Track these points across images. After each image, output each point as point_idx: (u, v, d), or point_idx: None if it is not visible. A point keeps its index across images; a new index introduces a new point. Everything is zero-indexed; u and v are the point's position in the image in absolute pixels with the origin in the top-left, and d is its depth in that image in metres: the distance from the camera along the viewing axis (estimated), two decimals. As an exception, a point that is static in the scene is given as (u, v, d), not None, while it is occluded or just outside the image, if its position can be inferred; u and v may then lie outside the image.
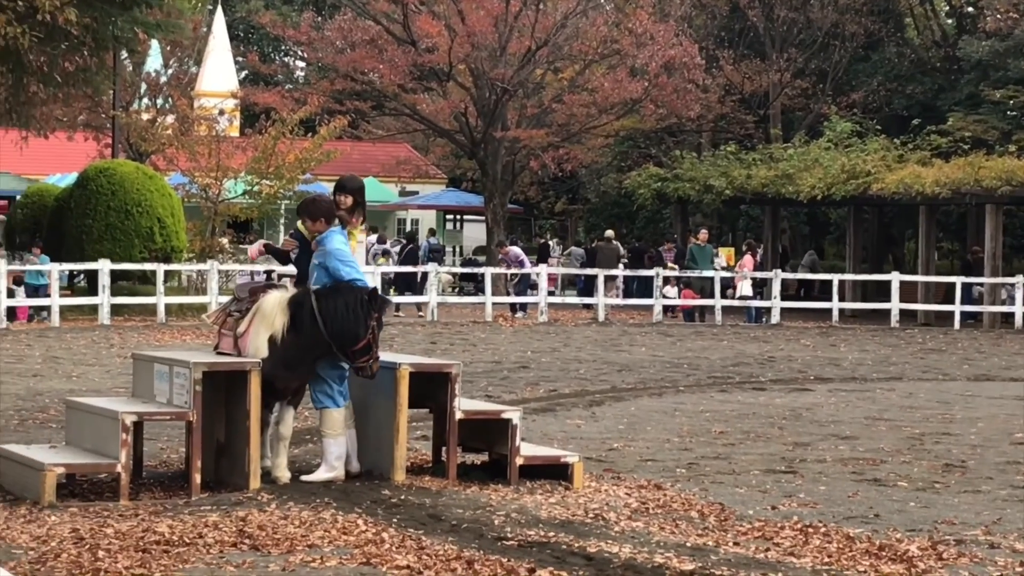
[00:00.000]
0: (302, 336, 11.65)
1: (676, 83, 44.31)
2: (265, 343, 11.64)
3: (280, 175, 39.62)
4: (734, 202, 46.73)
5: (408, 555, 9.36)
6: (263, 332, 11.66)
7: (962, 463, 13.93)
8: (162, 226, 35.02)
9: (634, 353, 27.01)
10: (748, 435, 15.76)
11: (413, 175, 56.89)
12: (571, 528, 10.42)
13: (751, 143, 48.73)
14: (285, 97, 44.72)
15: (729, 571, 9.15)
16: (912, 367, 25.56)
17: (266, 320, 11.67)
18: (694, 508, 11.31)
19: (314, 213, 12.12)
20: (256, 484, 11.56)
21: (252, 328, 11.71)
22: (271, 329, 11.65)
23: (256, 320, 11.72)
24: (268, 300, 11.78)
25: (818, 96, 51.12)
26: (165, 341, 27.31)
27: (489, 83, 43.79)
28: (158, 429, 14.35)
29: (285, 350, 11.63)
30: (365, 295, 11.72)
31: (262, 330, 11.66)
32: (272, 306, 11.73)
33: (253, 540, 9.72)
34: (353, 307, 11.62)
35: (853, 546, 9.97)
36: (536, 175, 51.29)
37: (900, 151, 40.96)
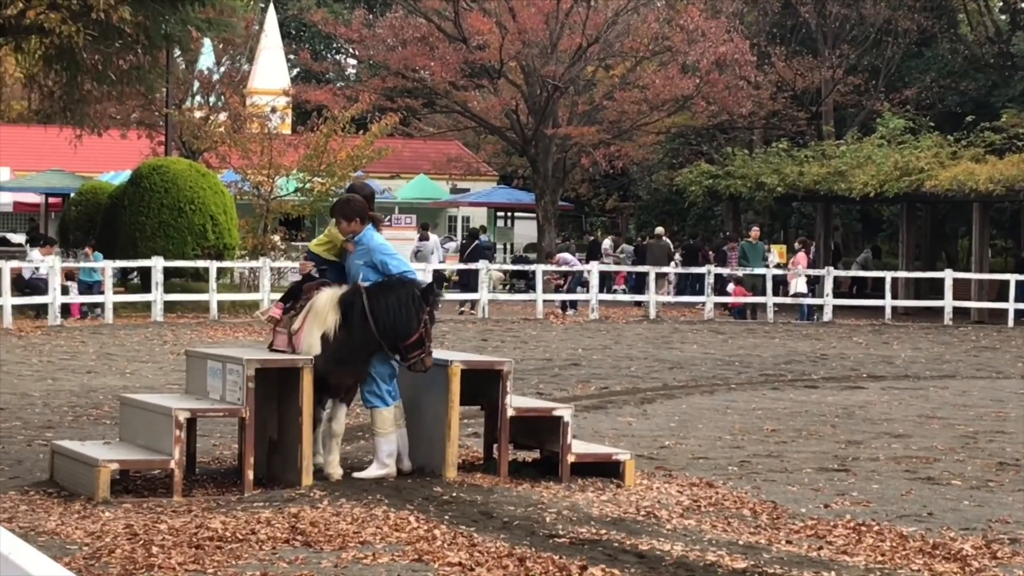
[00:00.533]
0: (353, 333, 11.70)
1: (727, 80, 44.20)
2: (318, 340, 11.68)
3: (332, 172, 39.70)
4: (786, 199, 46.55)
5: (460, 552, 9.37)
6: (316, 330, 11.71)
7: (1016, 461, 13.85)
8: (215, 223, 35.16)
9: (685, 351, 26.95)
10: (800, 433, 15.71)
11: (464, 172, 56.96)
12: (623, 526, 10.41)
13: (803, 140, 48.55)
14: (337, 95, 44.87)
15: (782, 569, 9.12)
16: (965, 365, 25.40)
17: (319, 318, 11.72)
18: (746, 506, 11.28)
19: (349, 214, 12.17)
20: (308, 481, 11.60)
21: (305, 326, 11.76)
22: (323, 327, 11.69)
23: (309, 318, 11.77)
24: (320, 298, 11.82)
25: (871, 93, 50.87)
26: (218, 338, 27.43)
27: (540, 80, 43.78)
28: (211, 426, 14.42)
29: (337, 347, 11.68)
30: (417, 289, 11.80)
31: (315, 328, 11.71)
32: (324, 304, 11.77)
33: (305, 536, 9.75)
34: (405, 302, 11.68)
35: (906, 545, 9.92)
36: (587, 172, 51.25)
37: (953, 148, 40.70)
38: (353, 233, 12.16)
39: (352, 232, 12.17)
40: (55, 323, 29.70)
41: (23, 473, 12.45)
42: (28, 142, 55.12)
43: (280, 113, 44.19)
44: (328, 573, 8.76)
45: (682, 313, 37.79)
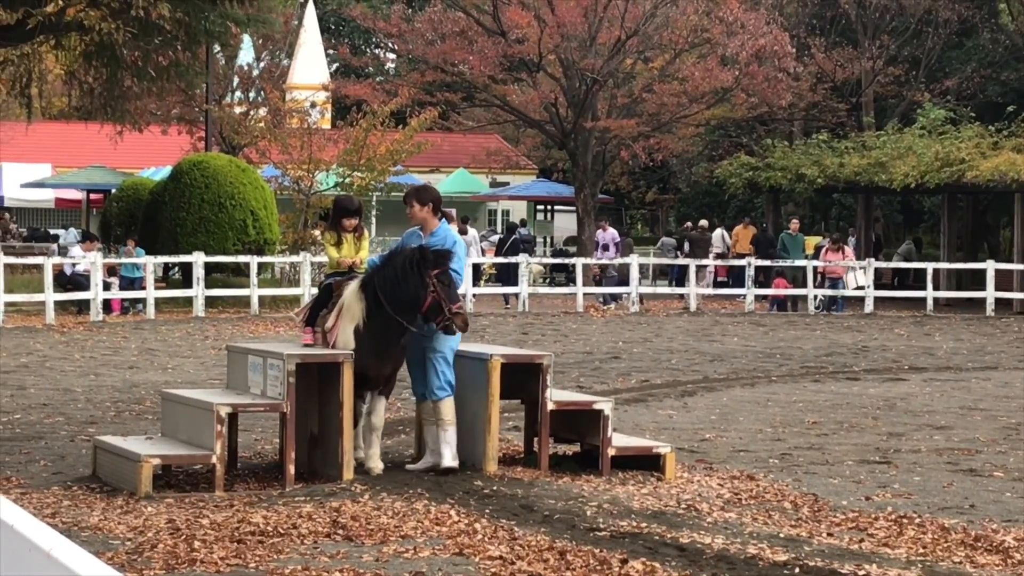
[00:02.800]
0: (376, 318, 11.66)
1: (767, 72, 44.05)
2: (351, 334, 11.67)
3: (371, 167, 39.78)
4: (826, 191, 46.39)
5: (500, 545, 9.39)
6: (348, 324, 11.69)
7: (1056, 451, 13.78)
8: (255, 218, 35.29)
9: (726, 343, 26.90)
10: (842, 425, 15.66)
11: (503, 166, 56.96)
12: (663, 519, 10.40)
13: (843, 131, 48.34)
14: (376, 89, 44.90)
15: (823, 562, 9.10)
16: (1008, 356, 25.27)
17: (349, 311, 11.71)
18: (787, 499, 11.26)
19: (423, 198, 12.20)
20: (349, 475, 11.64)
21: (339, 322, 11.75)
22: (354, 319, 11.68)
23: (341, 313, 11.76)
24: (347, 291, 11.81)
25: (911, 83, 50.65)
26: (259, 333, 27.53)
27: (579, 73, 43.74)
28: (252, 420, 14.48)
29: (369, 337, 11.66)
30: (416, 254, 11.62)
31: (347, 323, 11.70)
32: (351, 296, 11.76)
33: (347, 531, 9.79)
34: (403, 269, 11.57)
35: (948, 537, 9.89)
36: (626, 165, 51.23)
37: (995, 138, 40.47)
38: (423, 220, 12.13)
39: (423, 219, 12.14)
40: (97, 319, 29.85)
41: (66, 469, 12.53)
42: (69, 138, 55.48)
43: (320, 108, 44.29)
44: (369, 567, 8.79)
45: (723, 306, 37.73)
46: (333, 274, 12.34)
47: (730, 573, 8.77)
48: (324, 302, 12.13)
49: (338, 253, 12.36)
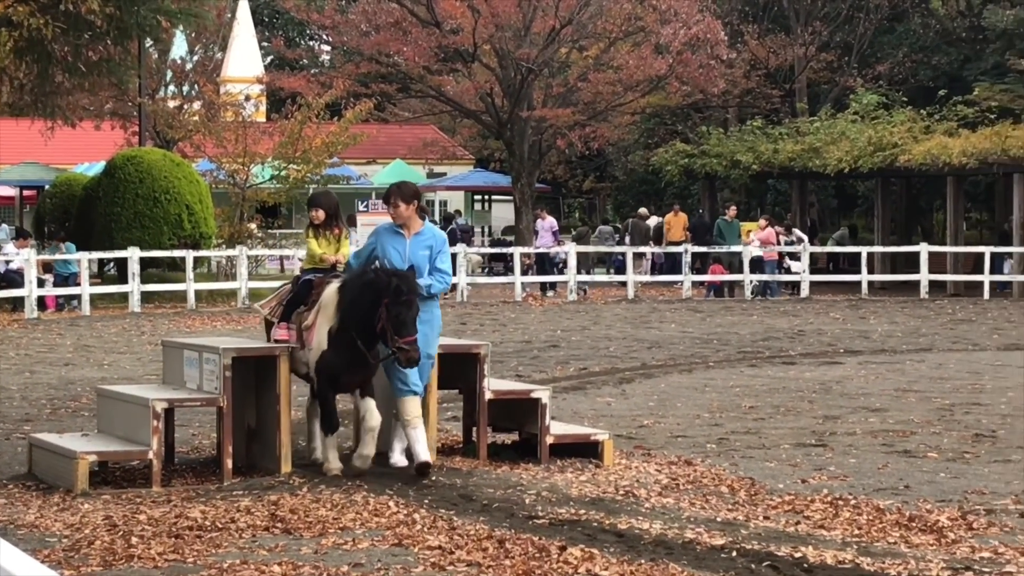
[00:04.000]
0: (345, 329, 11.39)
1: (701, 59, 44.17)
2: (326, 335, 11.41)
3: (307, 159, 39.69)
4: (761, 177, 46.64)
5: (439, 535, 9.41)
6: (324, 325, 11.42)
7: (992, 433, 13.92)
8: (190, 213, 35.13)
9: (664, 330, 27.01)
10: (778, 409, 15.77)
11: (440, 156, 56.90)
12: (602, 505, 10.45)
13: (777, 117, 48.62)
14: (311, 81, 44.74)
15: (760, 545, 9.17)
16: (942, 338, 25.50)
17: (326, 312, 11.44)
18: (724, 483, 11.33)
19: (408, 195, 11.79)
20: (288, 468, 11.63)
21: (317, 321, 11.48)
22: (330, 321, 11.41)
23: (320, 313, 11.49)
24: (327, 292, 11.53)
25: (843, 69, 50.96)
26: (196, 327, 27.41)
27: (514, 63, 43.74)
28: (189, 415, 14.43)
29: (340, 342, 11.38)
30: (371, 279, 11.27)
31: (324, 323, 11.43)
32: (329, 298, 11.48)
33: (285, 524, 9.78)
34: (359, 292, 11.26)
35: (883, 518, 9.99)
36: (563, 154, 51.28)
37: (926, 122, 40.83)
38: (408, 220, 11.75)
39: (408, 217, 11.76)
40: (32, 316, 29.64)
41: (1, 467, 12.45)
42: (1, 135, 54.97)
43: (254, 101, 44.11)
44: (308, 560, 8.79)
45: (660, 292, 37.88)
46: (312, 269, 12.04)
47: (668, 558, 8.82)
48: (303, 298, 11.79)
49: (319, 248, 12.09)
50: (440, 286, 11.87)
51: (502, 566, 8.58)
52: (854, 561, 8.74)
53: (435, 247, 11.78)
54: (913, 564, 8.71)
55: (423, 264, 11.64)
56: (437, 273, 11.78)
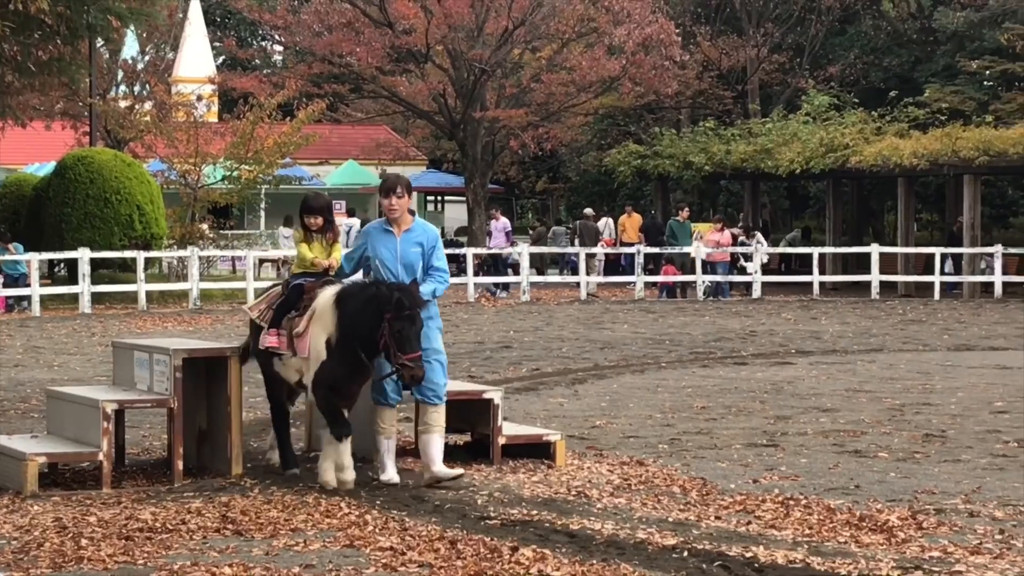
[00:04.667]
0: (344, 340, 10.91)
1: (653, 60, 44.28)
2: (323, 345, 10.92)
3: (259, 160, 39.60)
4: (714, 178, 46.79)
5: (391, 536, 9.40)
6: (321, 334, 10.94)
7: (942, 433, 14.00)
8: (141, 213, 34.97)
9: (616, 331, 27.05)
10: (730, 410, 15.81)
11: (393, 157, 56.76)
12: (554, 506, 10.46)
13: (730, 119, 48.77)
14: (263, 82, 44.62)
15: (711, 545, 9.20)
16: (892, 338, 25.64)
17: (321, 320, 10.97)
18: (676, 483, 11.36)
19: (408, 186, 11.38)
20: (239, 469, 11.59)
21: (311, 329, 11.00)
22: (327, 331, 10.92)
23: (314, 321, 11.02)
24: (321, 299, 11.05)
25: (795, 70, 51.18)
26: (147, 328, 27.28)
27: (467, 64, 43.74)
28: (140, 417, 14.36)
29: (339, 353, 10.88)
30: (373, 291, 10.82)
31: (320, 332, 10.95)
32: (324, 305, 11.01)
33: (236, 525, 9.75)
34: (360, 306, 10.80)
35: (834, 517, 10.03)
36: (516, 155, 51.25)
37: (878, 124, 41.05)
38: (403, 214, 11.30)
39: (403, 208, 11.27)
40: (-18, 317, 29.43)
41: (-50, 469, 12.35)
42: (-50, 135, 54.50)
43: (206, 101, 43.91)
44: (259, 561, 8.77)
45: (613, 293, 37.95)
46: (303, 274, 11.53)
47: (620, 558, 8.84)
48: (293, 304, 11.29)
49: (311, 252, 11.60)
50: (443, 287, 11.47)
51: (454, 567, 8.58)
52: (805, 561, 8.77)
53: (427, 243, 11.33)
54: (863, 563, 8.76)
55: (416, 262, 11.25)
56: (435, 273, 11.38)
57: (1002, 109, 41.70)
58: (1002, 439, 13.59)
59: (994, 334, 26.59)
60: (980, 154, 37.15)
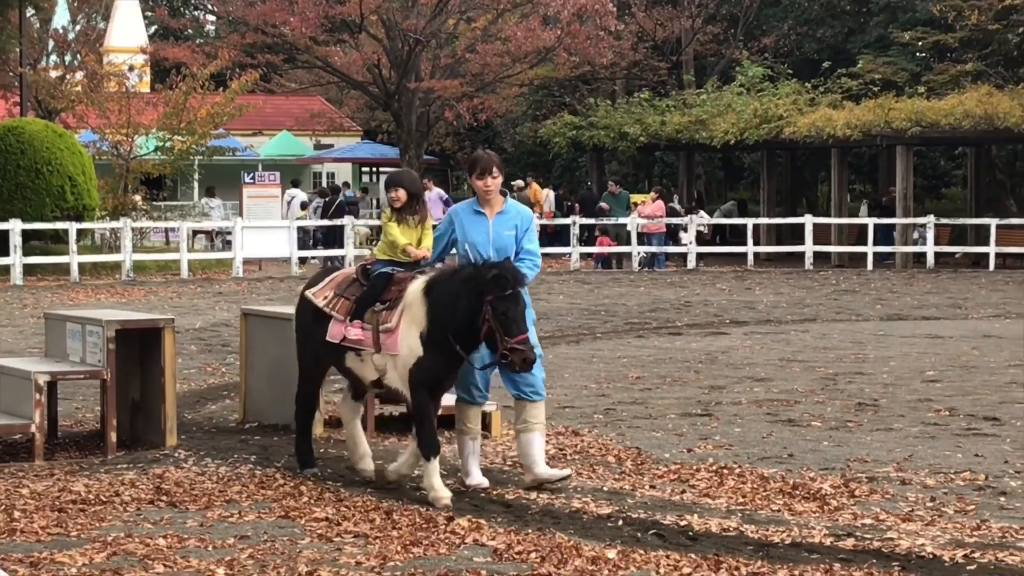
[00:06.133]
0: (438, 332, 9.81)
1: (588, 31, 44.24)
2: (418, 341, 9.81)
3: (192, 130, 39.35)
4: (649, 149, 46.87)
5: (327, 507, 9.39)
6: (413, 328, 9.84)
7: (874, 402, 14.11)
8: (73, 184, 34.68)
9: (552, 301, 27.08)
10: (664, 380, 15.87)
11: (327, 128, 56.57)
12: (489, 476, 10.47)
13: (664, 90, 48.86)
14: (195, 52, 44.26)
15: (646, 514, 9.24)
16: (826, 308, 25.80)
17: (412, 314, 9.87)
18: (611, 453, 11.40)
19: (501, 165, 10.45)
20: (173, 441, 11.53)
21: (402, 324, 9.88)
22: (419, 325, 9.83)
23: (405, 315, 9.91)
24: (411, 290, 9.95)
25: (729, 41, 51.32)
26: (79, 300, 27.08)
27: (401, 34, 43.56)
28: (73, 388, 14.26)
29: (434, 347, 9.80)
30: (472, 275, 9.73)
31: (411, 326, 9.85)
32: (414, 297, 9.91)
33: (170, 497, 9.71)
34: (454, 290, 9.74)
35: (767, 486, 10.10)
36: (451, 126, 51.17)
37: (811, 95, 41.25)
38: (494, 195, 10.34)
39: (495, 188, 10.36)
40: (-89, 289, 29.13)
41: None
42: None
43: (138, 71, 43.61)
44: (193, 532, 8.73)
45: (548, 264, 37.98)
46: (390, 262, 10.30)
47: (555, 527, 8.86)
48: (379, 295, 10.14)
49: (403, 237, 10.33)
50: (534, 271, 10.35)
51: (389, 537, 8.58)
52: (738, 529, 8.83)
53: (521, 225, 10.32)
54: (796, 531, 8.82)
55: (510, 246, 10.21)
56: (527, 256, 10.30)
57: (934, 80, 41.97)
58: (933, 408, 13.72)
59: (926, 304, 26.83)
60: (912, 125, 37.41)
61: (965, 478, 10.40)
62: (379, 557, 8.10)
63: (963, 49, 44.15)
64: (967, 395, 14.57)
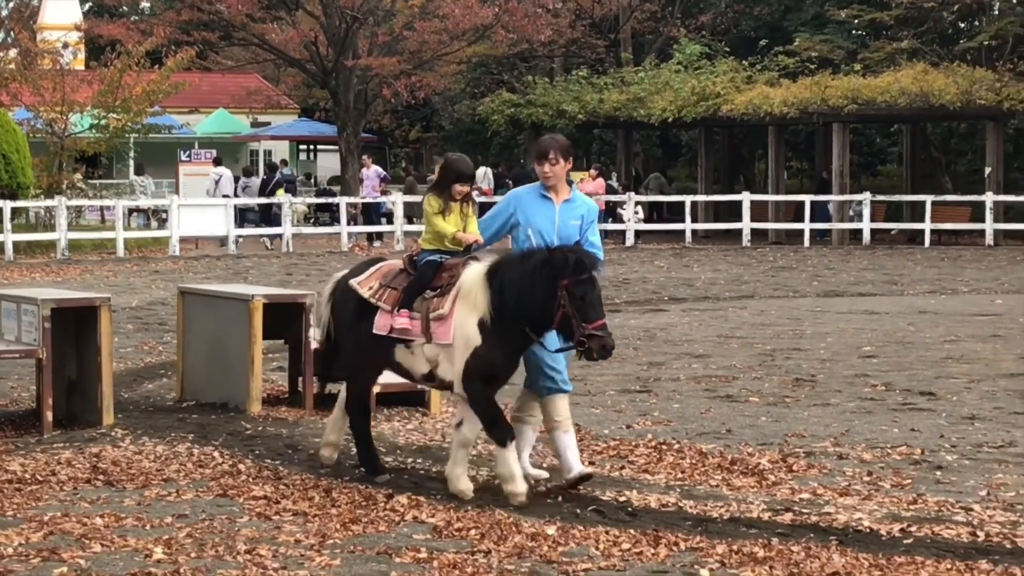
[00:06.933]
0: (504, 320, 9.20)
1: (526, 8, 44.22)
2: (476, 329, 9.20)
3: (127, 108, 39.04)
4: (587, 127, 46.93)
5: (265, 485, 9.36)
6: (470, 315, 9.23)
7: (812, 377, 14.19)
8: (7, 162, 34.35)
9: (490, 279, 27.03)
10: (603, 356, 15.86)
11: (264, 106, 56.26)
12: (429, 454, 10.47)
13: (602, 68, 48.90)
14: (131, 29, 43.90)
15: (584, 490, 9.26)
16: (763, 285, 25.92)
17: (469, 301, 9.28)
18: (550, 430, 11.39)
19: (568, 151, 9.83)
20: (110, 420, 11.45)
21: (457, 310, 9.29)
22: (478, 311, 9.22)
23: (460, 302, 9.32)
24: (468, 276, 9.35)
25: (667, 19, 51.37)
26: (14, 279, 26.82)
27: (339, 11, 43.37)
28: (8, 368, 14.15)
29: (496, 336, 9.20)
30: (547, 259, 9.12)
31: (468, 313, 9.25)
32: (471, 284, 9.31)
33: (107, 476, 9.65)
34: (527, 275, 9.14)
35: (706, 461, 10.14)
36: (389, 103, 50.98)
37: (748, 72, 41.41)
38: (559, 177, 9.77)
39: (559, 176, 9.77)
40: None
41: None
42: None
43: (72, 48, 43.16)
44: (131, 511, 8.67)
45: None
46: (436, 250, 9.66)
47: (494, 504, 8.86)
48: (428, 283, 9.51)
49: (450, 225, 9.68)
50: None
51: (328, 515, 8.56)
52: (677, 504, 8.86)
53: (587, 217, 9.81)
54: (735, 506, 8.87)
55: (574, 237, 9.61)
56: (591, 249, 9.58)
57: (870, 58, 42.21)
58: (870, 383, 13.81)
59: (862, 280, 27.01)
60: (849, 102, 37.64)
61: (901, 452, 10.48)
62: (318, 535, 8.08)
63: (899, 27, 44.44)
64: (903, 370, 14.68)
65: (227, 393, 12.25)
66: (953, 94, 37.48)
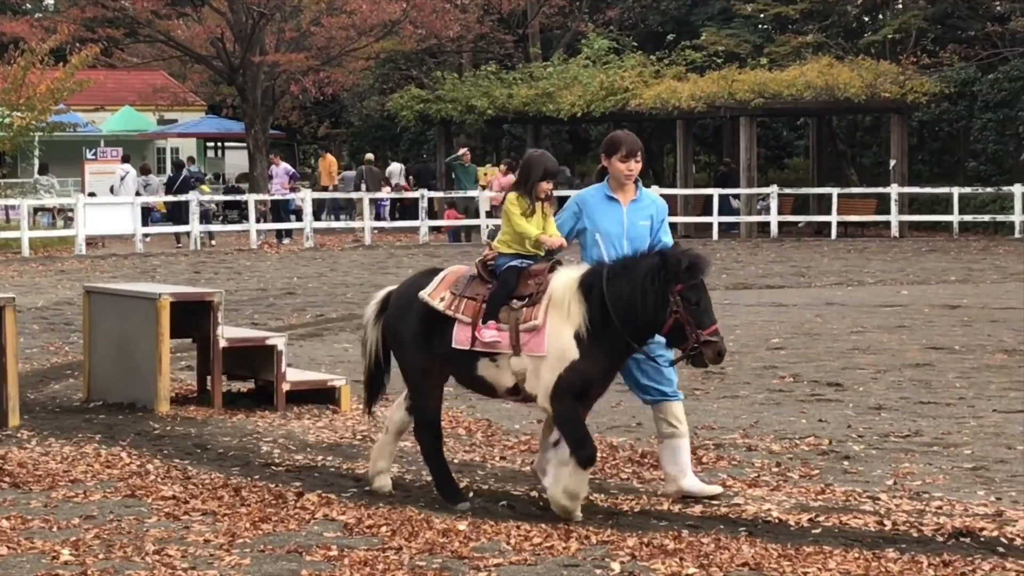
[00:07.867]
0: (602, 331, 8.62)
1: (434, 3, 44.16)
2: (572, 341, 8.60)
3: (32, 106, 38.56)
4: (496, 122, 46.93)
5: (174, 485, 9.29)
6: (565, 327, 8.63)
7: (721, 369, 14.23)
8: (-91, 162, 33.91)
9: (401, 275, 26.84)
10: (514, 351, 15.88)
11: (171, 103, 55.78)
12: (339, 451, 10.45)
13: (511, 63, 48.94)
14: (34, 26, 43.42)
15: (497, 484, 9.28)
16: (673, 279, 26.00)
17: (562, 311, 8.67)
18: (462, 425, 11.42)
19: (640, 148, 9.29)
20: (16, 421, 11.33)
21: (549, 321, 8.66)
22: (574, 324, 8.63)
23: (552, 312, 8.69)
24: (558, 284, 8.74)
25: (575, 14, 51.48)
26: (-83, 280, 26.48)
27: (245, 7, 43.10)
28: (-89, 370, 13.94)
29: (594, 349, 8.62)
30: (659, 264, 8.61)
31: (562, 324, 8.64)
32: (563, 293, 8.71)
33: (13, 478, 9.54)
34: (639, 282, 8.60)
35: (616, 455, 10.18)
36: (297, 100, 50.79)
37: (656, 67, 41.58)
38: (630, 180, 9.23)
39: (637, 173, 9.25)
40: None
41: None
42: None
43: (-26, 46, 42.63)
44: (38, 513, 8.58)
45: (397, 238, 37.89)
46: (515, 254, 8.96)
47: (406, 501, 8.86)
48: (511, 290, 8.83)
49: (534, 228, 8.96)
50: None
51: (238, 514, 8.51)
52: (589, 498, 8.87)
53: (657, 216, 9.33)
54: (645, 499, 8.91)
55: (645, 238, 9.18)
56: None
57: (776, 52, 42.54)
58: (778, 375, 13.93)
59: (771, 272, 27.21)
60: (755, 96, 37.90)
61: (809, 443, 10.58)
62: (228, 534, 8.03)
63: (804, 21, 44.81)
64: (811, 362, 14.81)
65: (135, 393, 12.15)
66: (858, 87, 37.85)
